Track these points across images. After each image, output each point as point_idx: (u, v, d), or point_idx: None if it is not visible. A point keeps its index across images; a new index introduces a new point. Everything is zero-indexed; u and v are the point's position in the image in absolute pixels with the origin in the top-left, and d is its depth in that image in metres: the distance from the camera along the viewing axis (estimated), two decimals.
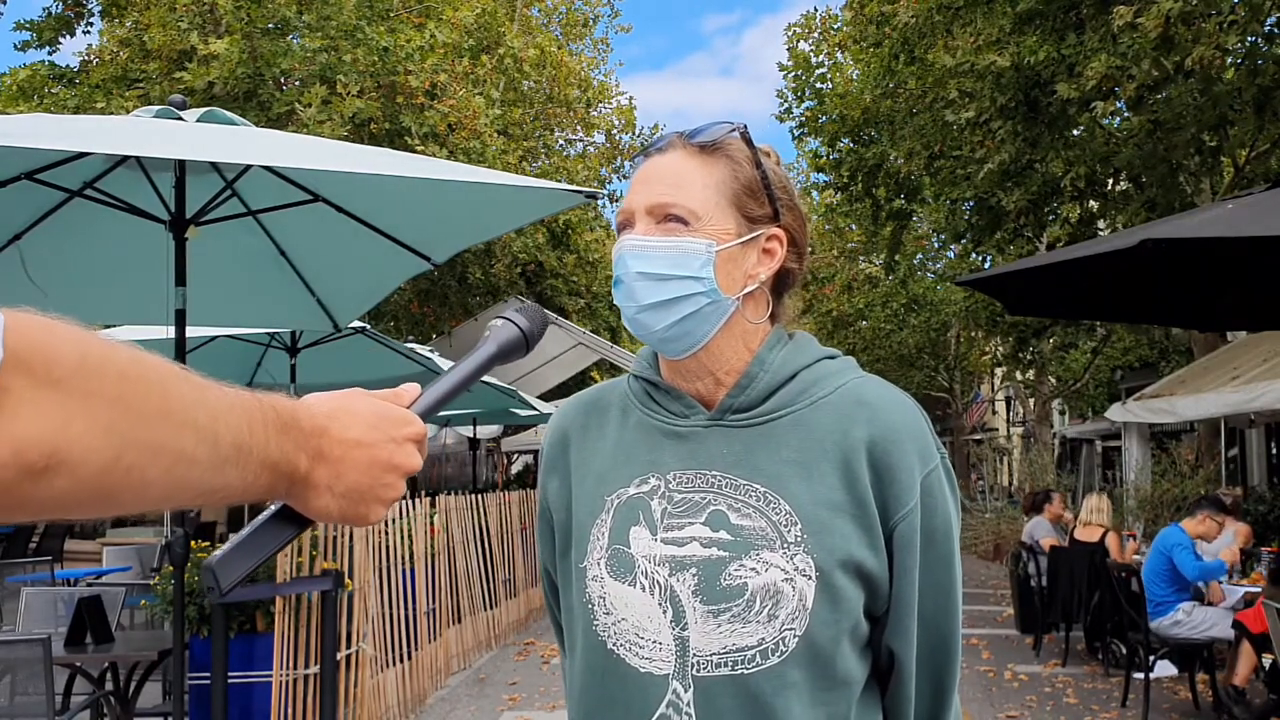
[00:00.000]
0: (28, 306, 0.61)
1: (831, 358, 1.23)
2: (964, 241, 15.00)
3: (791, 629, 1.09)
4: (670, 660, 1.11)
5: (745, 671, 1.09)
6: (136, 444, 0.65)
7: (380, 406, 0.89)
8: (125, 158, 3.69)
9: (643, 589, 1.14)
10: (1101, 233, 11.95)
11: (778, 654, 1.08)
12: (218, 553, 0.87)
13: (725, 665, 1.09)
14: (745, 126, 1.21)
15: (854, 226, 20.84)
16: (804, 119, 17.59)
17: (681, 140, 1.20)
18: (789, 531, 1.11)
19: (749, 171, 1.20)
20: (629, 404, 1.26)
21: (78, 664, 4.71)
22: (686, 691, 1.10)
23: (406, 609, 6.36)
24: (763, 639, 1.09)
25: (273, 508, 0.88)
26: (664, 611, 1.12)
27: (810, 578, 1.09)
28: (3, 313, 0.59)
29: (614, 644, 1.15)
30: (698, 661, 1.10)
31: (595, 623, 1.17)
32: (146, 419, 0.66)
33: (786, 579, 1.09)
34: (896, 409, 1.17)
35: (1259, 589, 6.15)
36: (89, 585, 7.03)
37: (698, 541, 1.13)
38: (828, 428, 1.15)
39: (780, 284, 1.23)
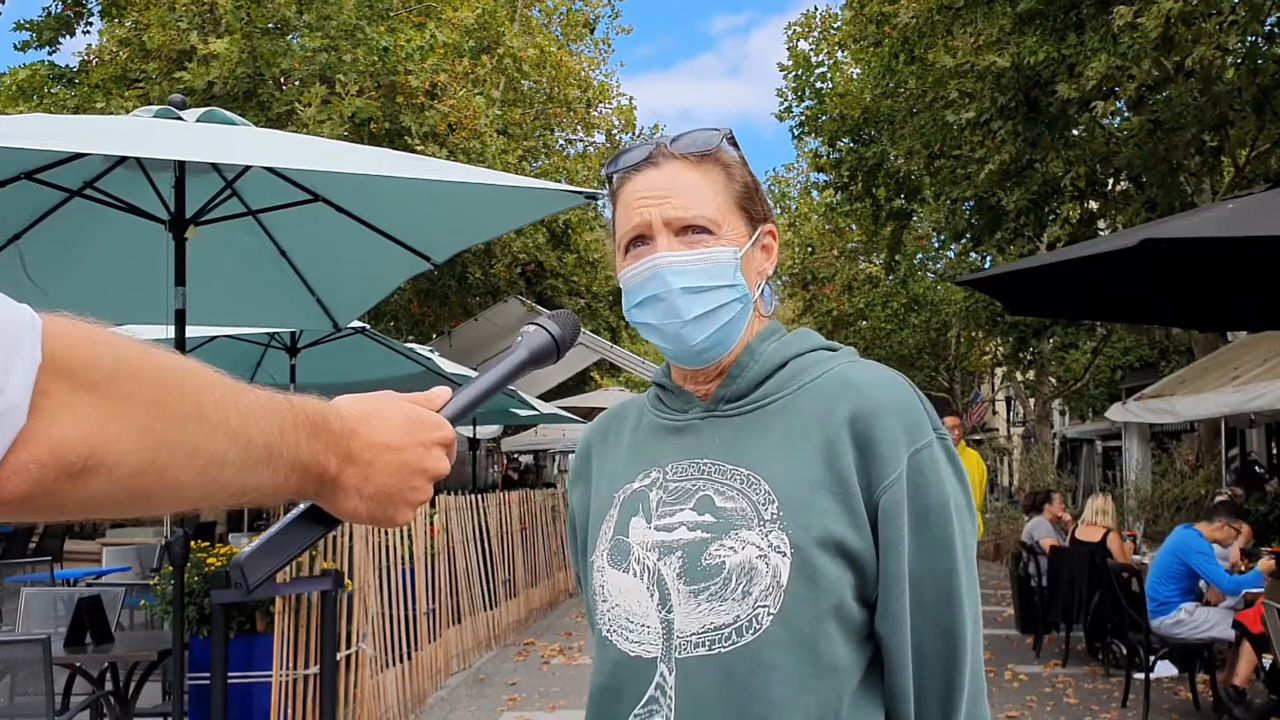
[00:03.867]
0: (33, 308, 0.62)
1: (830, 349, 1.25)
2: (964, 241, 15.01)
3: (765, 605, 1.08)
4: (658, 643, 1.13)
5: (721, 650, 1.09)
6: (171, 446, 0.66)
7: (411, 410, 0.90)
8: (125, 158, 3.69)
9: (634, 574, 1.17)
10: (1102, 233, 11.95)
11: (751, 631, 1.08)
12: (246, 550, 0.87)
13: (703, 645, 1.11)
14: (730, 131, 1.23)
15: (854, 226, 20.84)
16: (804, 118, 17.59)
17: (669, 152, 1.21)
18: (766, 510, 1.12)
19: (743, 174, 1.23)
20: (644, 410, 1.31)
21: (77, 664, 4.70)
22: (671, 674, 1.11)
23: (406, 609, 6.36)
24: (737, 616, 1.09)
25: (301, 507, 0.88)
26: (651, 595, 1.15)
27: (785, 554, 1.09)
28: (42, 317, 0.60)
29: (608, 630, 1.18)
30: (680, 643, 1.12)
31: (596, 611, 1.21)
32: (181, 422, 0.67)
33: (761, 555, 1.10)
34: (882, 386, 1.16)
35: (1260, 589, 6.14)
36: (88, 585, 7.03)
37: (685, 526, 1.15)
38: (812, 409, 1.17)
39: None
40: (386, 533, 6.04)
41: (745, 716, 1.08)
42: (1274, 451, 16.91)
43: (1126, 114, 10.51)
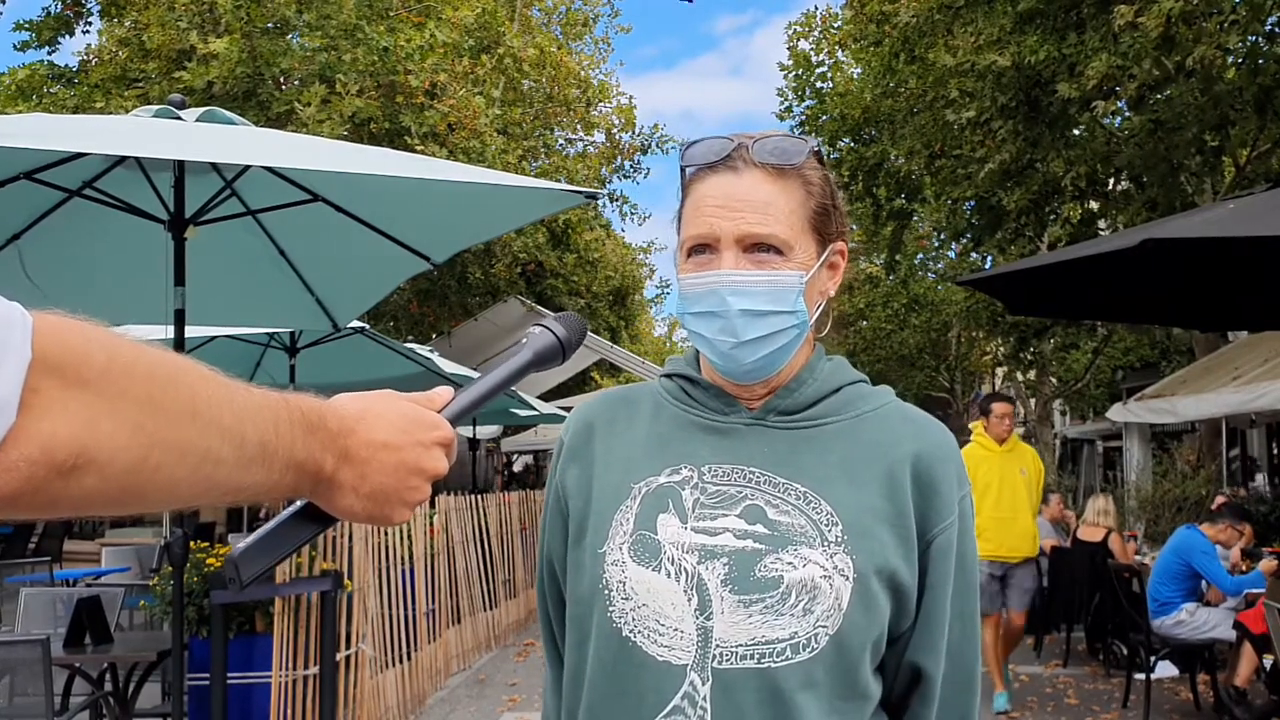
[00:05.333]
0: (31, 307, 0.62)
1: (865, 382, 1.26)
2: (964, 241, 14.99)
3: (825, 627, 1.08)
4: (690, 650, 1.09)
5: (773, 665, 1.07)
6: (163, 443, 0.66)
7: (409, 410, 0.89)
8: (124, 158, 3.68)
9: (668, 575, 1.11)
10: (1102, 233, 11.94)
11: (809, 649, 1.07)
12: (240, 545, 0.87)
13: (751, 657, 1.07)
14: (819, 145, 1.21)
15: (854, 226, 20.82)
16: (804, 118, 17.58)
17: (750, 158, 1.16)
18: (830, 531, 1.11)
19: (823, 193, 1.19)
20: (661, 400, 1.26)
21: (77, 665, 4.70)
22: (704, 684, 1.07)
23: (406, 609, 6.35)
24: (795, 633, 1.07)
25: (297, 504, 0.88)
26: (689, 599, 1.10)
27: (848, 578, 1.09)
28: (33, 315, 0.60)
29: (630, 630, 1.12)
30: (720, 653, 1.08)
31: (611, 608, 1.13)
32: (174, 419, 0.67)
33: (825, 576, 1.09)
34: (939, 430, 1.21)
35: (1261, 589, 6.14)
36: (88, 586, 7.02)
37: (731, 533, 1.12)
38: (873, 439, 1.17)
39: None
40: (386, 533, 6.03)
41: None
42: (1275, 452, 16.91)
43: (1127, 114, 10.49)
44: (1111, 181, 12.03)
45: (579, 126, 18.90)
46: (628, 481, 1.19)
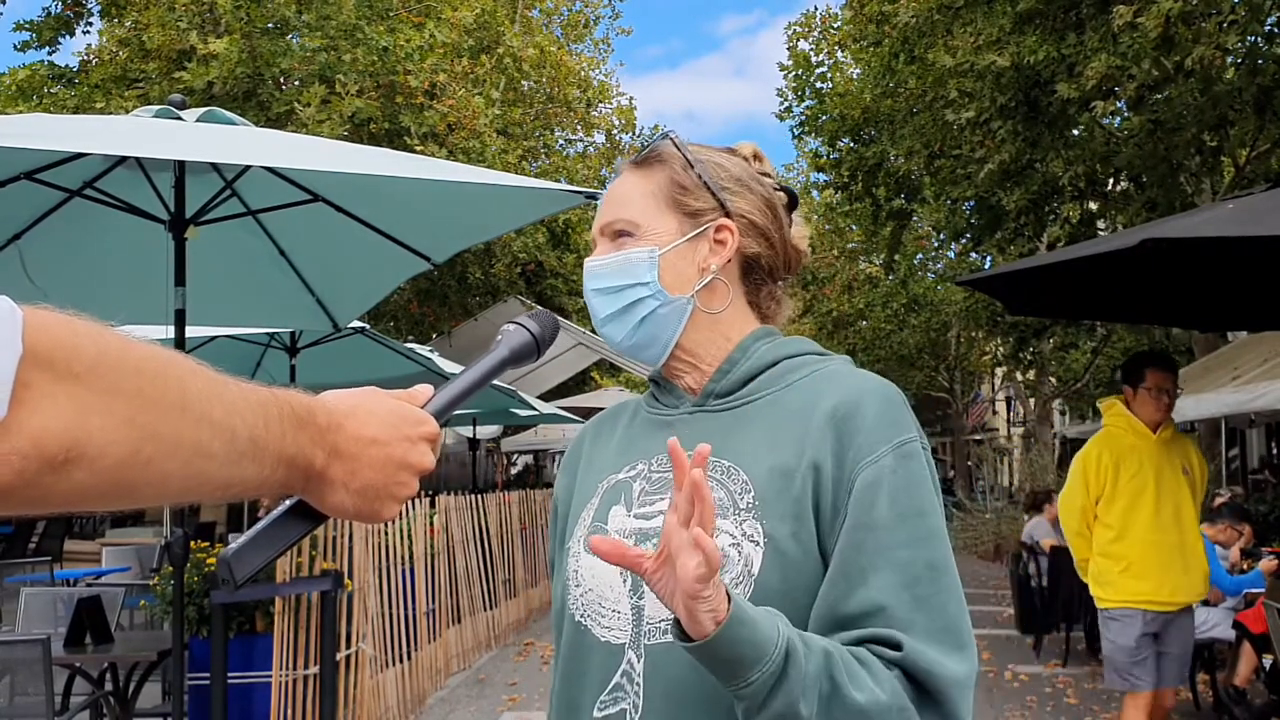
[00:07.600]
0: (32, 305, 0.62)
1: (821, 354, 1.26)
2: (964, 241, 14.99)
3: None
4: (627, 629, 1.14)
5: None
6: (154, 438, 0.66)
7: (396, 405, 0.91)
8: (125, 158, 3.68)
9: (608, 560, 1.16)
10: (1101, 233, 11.94)
11: None
12: (232, 545, 0.87)
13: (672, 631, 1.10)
14: (674, 133, 1.30)
15: (854, 226, 20.84)
16: (804, 118, 17.58)
17: (628, 163, 1.30)
18: (742, 499, 1.13)
19: (682, 172, 1.26)
20: (639, 406, 1.35)
21: (77, 664, 4.70)
22: (639, 661, 1.12)
23: (406, 609, 6.35)
24: None
25: (288, 502, 0.89)
26: (624, 580, 1.15)
27: (758, 544, 1.10)
28: (22, 309, 0.60)
29: (581, 615, 1.19)
30: (649, 629, 1.12)
31: (569, 596, 1.22)
32: (164, 413, 0.67)
33: (733, 544, 1.10)
34: (867, 382, 1.17)
35: (1261, 589, 6.13)
36: (88, 585, 7.03)
37: (663, 514, 1.15)
38: (797, 403, 1.18)
39: (749, 271, 1.27)
40: (386, 533, 6.04)
41: (716, 704, 1.06)
42: (1274, 451, 16.91)
43: (1126, 114, 10.49)
44: (1111, 182, 12.02)
45: (579, 127, 18.91)
46: (596, 482, 1.28)
